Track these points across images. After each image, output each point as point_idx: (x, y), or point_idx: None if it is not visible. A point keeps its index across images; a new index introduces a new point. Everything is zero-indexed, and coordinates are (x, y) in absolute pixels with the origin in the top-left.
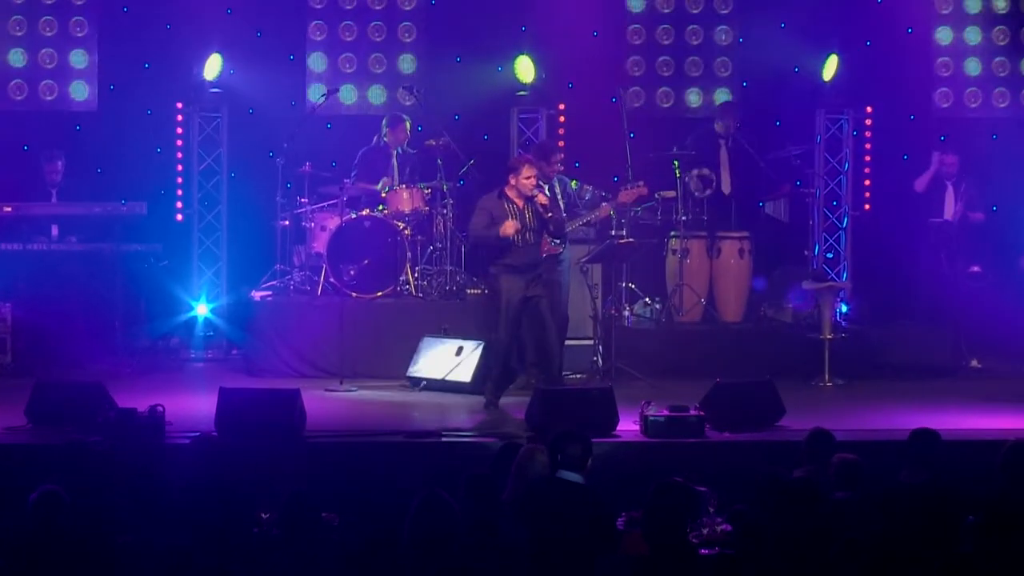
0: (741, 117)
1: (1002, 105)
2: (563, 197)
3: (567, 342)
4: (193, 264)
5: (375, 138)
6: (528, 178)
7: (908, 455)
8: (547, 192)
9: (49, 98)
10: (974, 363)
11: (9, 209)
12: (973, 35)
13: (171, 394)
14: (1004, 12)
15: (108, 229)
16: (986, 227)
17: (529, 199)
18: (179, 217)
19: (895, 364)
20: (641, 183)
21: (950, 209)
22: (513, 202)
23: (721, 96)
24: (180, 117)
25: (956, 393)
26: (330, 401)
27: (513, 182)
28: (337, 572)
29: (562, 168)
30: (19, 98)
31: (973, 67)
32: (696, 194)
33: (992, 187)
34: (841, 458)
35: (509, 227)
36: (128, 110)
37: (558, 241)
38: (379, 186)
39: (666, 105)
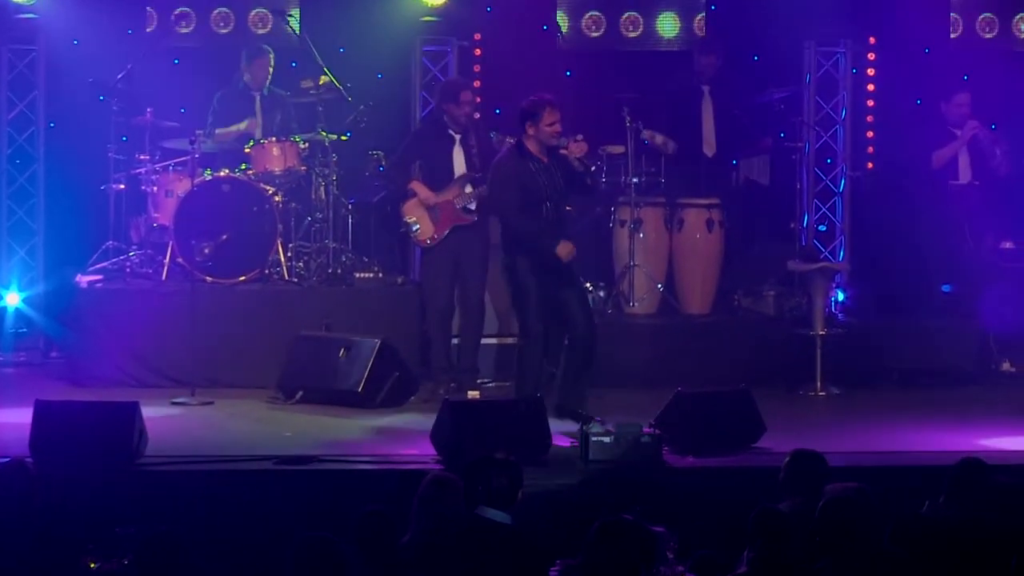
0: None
1: None
2: (478, 148)
3: (486, 340)
4: (1, 240)
5: (236, 78)
6: (552, 124)
7: (950, 489)
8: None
9: None
10: (1006, 366)
11: None
12: None
13: None
14: None
15: None
16: (1019, 190)
17: (554, 152)
18: None
19: (906, 368)
20: (579, 137)
21: (967, 169)
22: (537, 159)
23: (668, 23)
24: None
25: (984, 404)
26: (179, 417)
27: (532, 132)
28: None
29: (476, 115)
30: None
31: None
32: (666, 153)
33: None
34: (840, 488)
35: (565, 250)
36: None
37: (580, 138)
38: (243, 126)
39: (595, 35)
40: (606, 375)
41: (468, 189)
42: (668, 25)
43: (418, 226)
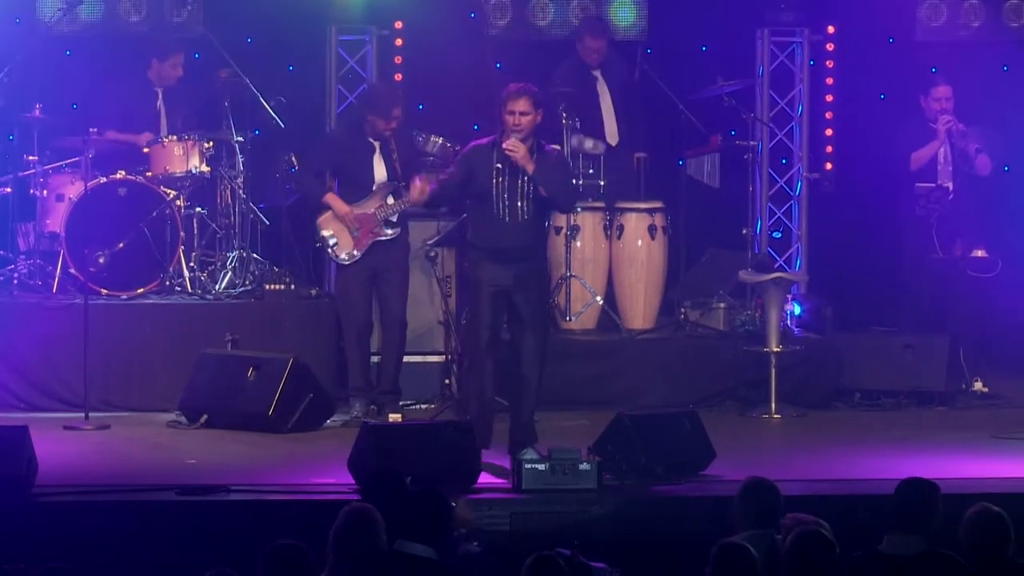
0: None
1: (1014, 25)
2: (399, 154)
3: (407, 358)
4: None
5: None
6: (510, 113)
7: (894, 517)
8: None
9: None
10: (978, 386)
11: None
12: None
13: None
14: None
15: None
16: (996, 192)
17: (538, 153)
18: None
19: (868, 388)
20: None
21: (944, 169)
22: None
23: (619, 12)
24: None
25: (953, 428)
26: (71, 443)
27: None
28: None
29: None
30: None
31: None
32: (593, 152)
33: (1004, 137)
34: (796, 518)
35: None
36: None
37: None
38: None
39: (542, 23)
40: (542, 397)
41: (390, 200)
42: (623, 13)
43: (336, 241)
